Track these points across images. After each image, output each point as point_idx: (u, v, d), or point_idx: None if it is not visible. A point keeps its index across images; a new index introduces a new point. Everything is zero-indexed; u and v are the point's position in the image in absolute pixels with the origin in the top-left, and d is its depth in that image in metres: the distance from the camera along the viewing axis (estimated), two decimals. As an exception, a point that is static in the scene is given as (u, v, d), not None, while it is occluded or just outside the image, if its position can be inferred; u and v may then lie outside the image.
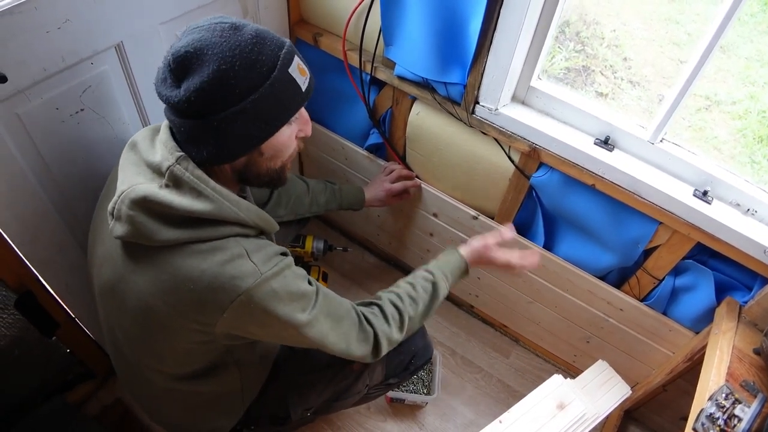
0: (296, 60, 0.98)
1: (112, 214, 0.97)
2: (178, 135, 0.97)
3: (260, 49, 0.92)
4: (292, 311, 1.03)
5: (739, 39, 2.12)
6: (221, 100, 0.91)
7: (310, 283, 1.10)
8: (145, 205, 0.93)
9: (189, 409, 1.28)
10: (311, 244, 1.84)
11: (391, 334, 1.22)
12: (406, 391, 1.87)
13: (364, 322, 1.19)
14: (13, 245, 1.25)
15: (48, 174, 1.24)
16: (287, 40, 0.99)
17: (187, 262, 0.95)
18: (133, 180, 0.97)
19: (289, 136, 1.03)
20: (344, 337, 1.14)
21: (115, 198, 0.97)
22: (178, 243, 0.95)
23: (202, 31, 0.92)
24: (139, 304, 1.00)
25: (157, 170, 0.96)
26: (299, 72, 0.98)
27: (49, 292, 1.43)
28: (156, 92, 0.96)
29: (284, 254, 1.06)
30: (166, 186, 0.95)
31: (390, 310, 1.24)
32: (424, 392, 1.88)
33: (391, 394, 1.81)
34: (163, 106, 0.97)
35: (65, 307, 1.51)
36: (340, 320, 1.14)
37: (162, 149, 0.97)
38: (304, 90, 0.99)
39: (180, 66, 0.91)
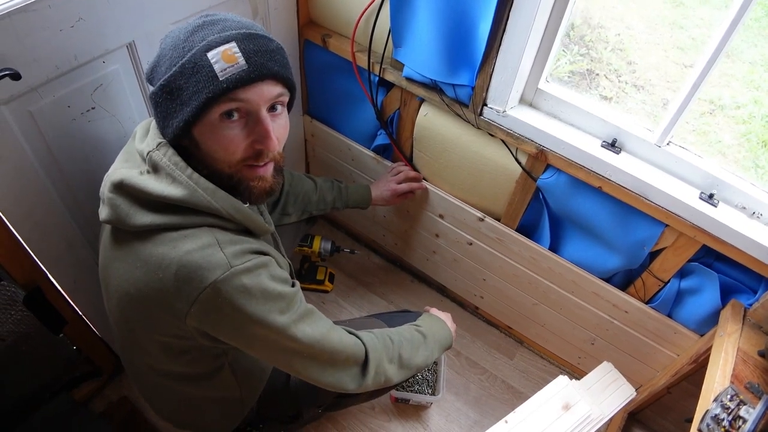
0: (228, 46, 0.90)
1: (101, 199, 1.00)
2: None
3: (197, 32, 0.92)
4: (268, 311, 0.98)
5: (744, 43, 2.13)
6: (154, 75, 0.95)
7: (293, 286, 1.06)
8: (122, 188, 0.95)
9: (186, 408, 1.29)
10: (319, 245, 1.85)
11: (381, 357, 1.20)
12: (411, 391, 1.88)
13: (354, 336, 1.17)
14: (22, 242, 1.26)
15: (58, 171, 1.25)
16: (246, 29, 0.93)
17: (158, 249, 0.93)
18: (118, 166, 1.00)
19: (226, 135, 0.95)
20: (332, 349, 1.10)
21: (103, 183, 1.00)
22: (151, 229, 0.94)
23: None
24: (118, 290, 1.00)
25: (141, 156, 0.98)
26: (223, 58, 0.90)
27: (58, 289, 1.44)
28: None
29: (261, 253, 1.01)
30: (147, 172, 0.96)
31: (382, 337, 1.23)
32: (428, 392, 1.89)
33: (396, 394, 1.82)
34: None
35: (73, 304, 1.51)
36: (327, 333, 1.10)
37: (149, 137, 0.99)
38: (221, 78, 0.90)
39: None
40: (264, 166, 1.01)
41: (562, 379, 1.51)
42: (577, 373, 2.04)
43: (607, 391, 1.57)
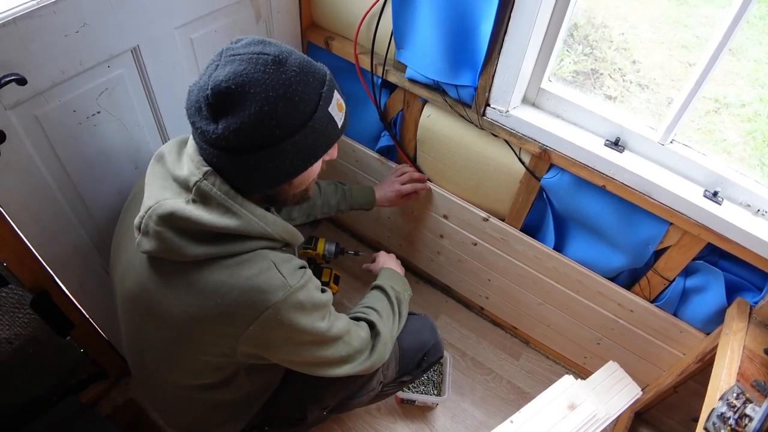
0: (335, 96, 0.98)
1: (139, 229, 0.97)
2: (207, 161, 0.96)
3: (303, 88, 0.92)
4: (314, 320, 1.05)
5: (748, 41, 2.12)
6: (260, 141, 0.91)
7: (323, 291, 1.13)
8: (172, 221, 0.93)
9: (198, 413, 1.29)
10: (323, 247, 1.85)
11: (383, 327, 1.30)
12: (417, 392, 1.88)
13: (360, 321, 1.29)
14: (30, 246, 1.27)
15: (64, 175, 1.25)
16: (326, 71, 0.99)
17: (216, 276, 0.96)
18: (159, 195, 0.97)
19: (319, 164, 1.04)
20: (353, 339, 1.19)
21: (141, 213, 0.97)
22: (206, 258, 0.96)
23: (243, 62, 0.89)
24: (165, 315, 1.01)
25: (184, 185, 0.96)
26: (337, 108, 0.98)
27: (65, 292, 1.45)
28: (187, 117, 0.95)
29: (304, 267, 1.08)
30: (193, 201, 0.95)
31: (371, 312, 1.33)
32: (434, 393, 1.89)
33: (401, 395, 1.82)
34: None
35: (80, 307, 1.52)
36: (347, 324, 1.18)
37: (189, 163, 0.97)
38: (340, 126, 1.00)
39: (220, 102, 0.89)
40: None
41: (568, 379, 1.51)
42: (583, 373, 2.04)
43: (612, 391, 1.57)
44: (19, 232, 1.22)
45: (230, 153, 0.92)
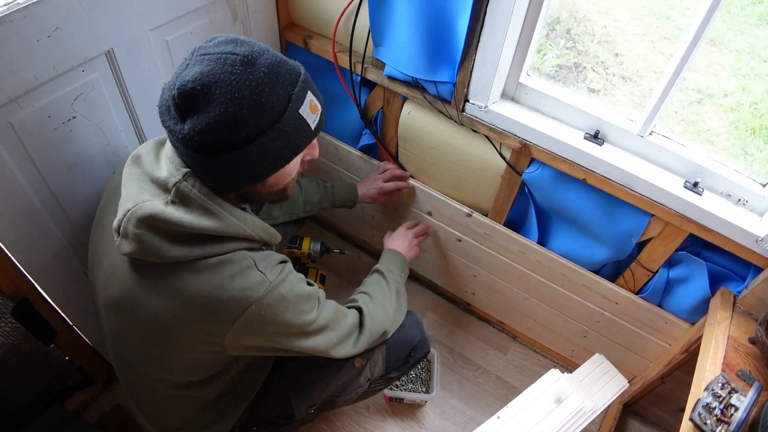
0: (308, 97, 0.96)
1: (118, 231, 0.97)
2: (183, 160, 0.96)
3: (271, 89, 0.90)
4: (299, 313, 1.07)
5: (730, 32, 2.12)
6: (226, 142, 0.90)
7: (309, 284, 1.14)
8: (152, 223, 0.93)
9: (187, 414, 1.29)
10: (308, 246, 1.85)
11: (374, 312, 1.33)
12: (405, 389, 1.88)
13: (352, 309, 1.31)
14: (8, 253, 1.26)
15: (42, 181, 1.24)
16: (301, 71, 0.97)
17: (197, 277, 0.97)
18: (137, 197, 0.96)
19: (294, 164, 1.03)
20: (340, 326, 1.22)
21: (120, 216, 0.96)
22: (187, 260, 0.96)
23: (211, 62, 0.88)
24: (149, 318, 1.01)
25: (162, 186, 0.96)
26: (310, 110, 0.97)
27: (46, 299, 1.43)
28: (159, 117, 0.95)
29: (284, 261, 1.09)
30: (172, 202, 0.94)
31: (362, 297, 1.36)
32: (422, 391, 1.89)
33: (390, 393, 1.82)
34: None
35: (63, 314, 1.51)
36: (334, 312, 1.20)
37: (168, 165, 0.97)
38: (313, 128, 0.99)
39: (185, 102, 0.88)
40: None
41: (554, 373, 1.51)
42: (570, 366, 2.04)
43: (599, 383, 1.57)
44: (-5, 239, 1.21)
45: (198, 153, 0.91)
